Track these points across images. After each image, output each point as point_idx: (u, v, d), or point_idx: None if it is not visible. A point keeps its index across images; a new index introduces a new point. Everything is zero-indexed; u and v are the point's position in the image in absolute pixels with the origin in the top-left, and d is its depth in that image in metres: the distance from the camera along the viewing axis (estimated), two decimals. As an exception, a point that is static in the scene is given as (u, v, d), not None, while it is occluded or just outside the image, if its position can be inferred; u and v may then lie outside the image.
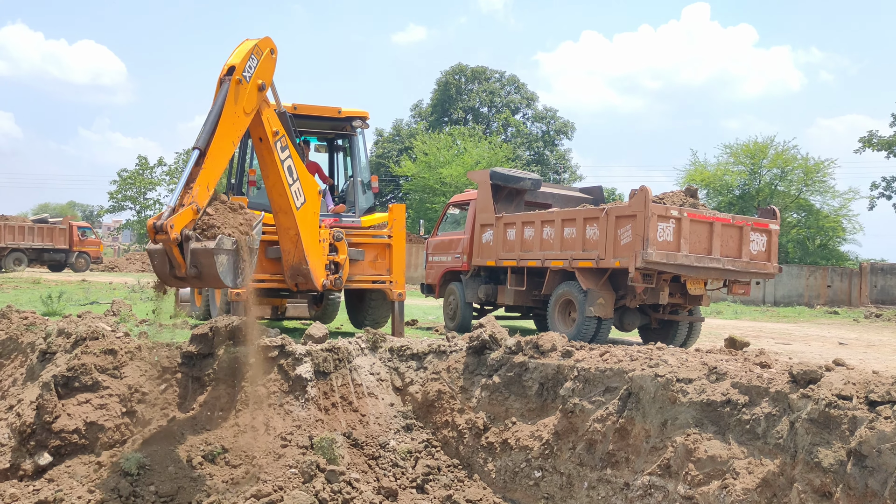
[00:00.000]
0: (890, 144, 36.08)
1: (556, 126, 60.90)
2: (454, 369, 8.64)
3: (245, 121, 7.76)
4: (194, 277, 6.70)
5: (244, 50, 7.80)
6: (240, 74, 7.59)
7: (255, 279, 10.22)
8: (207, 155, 7.09)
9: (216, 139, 7.22)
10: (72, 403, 7.21)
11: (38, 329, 9.03)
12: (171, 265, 6.62)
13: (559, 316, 11.92)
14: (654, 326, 12.24)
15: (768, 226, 11.47)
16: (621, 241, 10.82)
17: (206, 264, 6.59)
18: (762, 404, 6.06)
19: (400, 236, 10.77)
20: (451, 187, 41.47)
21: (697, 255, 10.79)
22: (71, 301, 15.68)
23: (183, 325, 10.96)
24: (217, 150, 7.26)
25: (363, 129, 11.38)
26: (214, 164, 7.21)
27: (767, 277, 11.80)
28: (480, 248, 13.62)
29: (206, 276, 6.67)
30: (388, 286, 10.79)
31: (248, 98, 7.69)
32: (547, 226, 12.16)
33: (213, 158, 7.18)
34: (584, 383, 7.44)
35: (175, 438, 7.29)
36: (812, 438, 5.54)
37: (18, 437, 7.09)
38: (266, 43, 8.07)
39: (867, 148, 37.16)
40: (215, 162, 7.22)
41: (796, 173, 37.48)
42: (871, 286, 30.80)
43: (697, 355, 7.34)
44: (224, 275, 6.62)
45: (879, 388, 5.42)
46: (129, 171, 67.50)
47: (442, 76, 59.35)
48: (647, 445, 6.69)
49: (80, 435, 7.09)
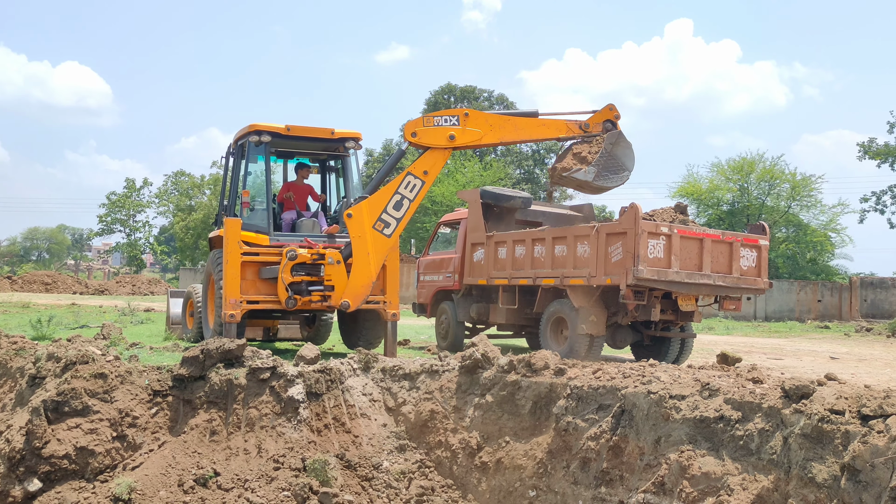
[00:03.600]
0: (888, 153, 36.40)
1: (545, 144, 61.16)
2: (447, 389, 8.62)
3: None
4: None
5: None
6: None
7: (250, 300, 10.21)
8: None
9: None
10: (62, 428, 7.16)
11: (28, 353, 8.98)
12: None
13: (551, 334, 11.90)
14: (647, 343, 12.25)
15: (758, 241, 11.52)
16: (612, 259, 10.83)
17: None
18: (755, 420, 6.07)
19: (393, 257, 10.76)
20: (441, 206, 41.53)
21: (688, 271, 10.82)
22: (61, 325, 15.57)
23: (174, 347, 10.91)
24: None
25: (356, 149, 11.41)
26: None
27: (758, 293, 11.81)
28: (472, 267, 13.61)
29: None
30: (381, 306, 10.77)
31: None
32: (538, 244, 12.17)
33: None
34: (578, 401, 7.44)
35: (166, 462, 7.24)
36: (805, 453, 5.54)
37: (7, 463, 7.03)
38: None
39: (867, 155, 37.46)
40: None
41: (784, 188, 37.73)
42: (862, 300, 30.90)
43: (690, 371, 7.35)
44: None
45: (871, 403, 5.44)
46: (117, 195, 67.38)
47: (431, 96, 59.60)
48: (642, 463, 6.68)
49: (71, 460, 7.03)
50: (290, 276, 10.17)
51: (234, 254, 10.10)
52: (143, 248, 69.86)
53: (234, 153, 11.70)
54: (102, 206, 67.59)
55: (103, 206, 67.45)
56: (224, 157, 11.96)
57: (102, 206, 67.59)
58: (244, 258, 10.20)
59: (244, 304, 10.13)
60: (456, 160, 45.84)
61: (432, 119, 9.73)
